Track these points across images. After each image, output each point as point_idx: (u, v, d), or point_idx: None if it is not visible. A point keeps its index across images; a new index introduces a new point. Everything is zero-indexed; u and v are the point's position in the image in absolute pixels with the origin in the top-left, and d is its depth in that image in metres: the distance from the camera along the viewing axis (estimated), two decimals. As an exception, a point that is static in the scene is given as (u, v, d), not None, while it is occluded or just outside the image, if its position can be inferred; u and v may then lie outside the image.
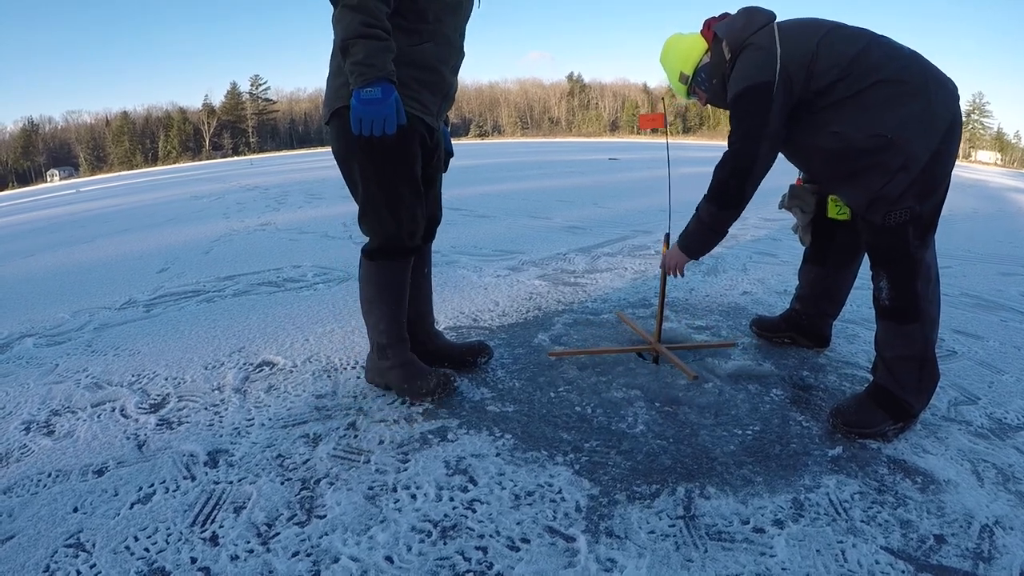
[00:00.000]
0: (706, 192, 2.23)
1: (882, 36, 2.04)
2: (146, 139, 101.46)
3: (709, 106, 2.41)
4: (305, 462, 1.97)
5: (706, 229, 2.28)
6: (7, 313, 3.84)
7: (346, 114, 1.98)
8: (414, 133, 2.12)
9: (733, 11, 2.26)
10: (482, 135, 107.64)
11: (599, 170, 14.77)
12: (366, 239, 2.27)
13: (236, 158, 75.33)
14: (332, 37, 1.98)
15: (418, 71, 2.07)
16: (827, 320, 2.70)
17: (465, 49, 2.27)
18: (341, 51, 1.88)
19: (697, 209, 2.28)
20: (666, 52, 2.40)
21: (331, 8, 1.94)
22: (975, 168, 36.55)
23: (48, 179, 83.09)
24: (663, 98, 2.43)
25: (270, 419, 2.25)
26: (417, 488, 1.82)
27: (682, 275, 2.47)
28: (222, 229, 7.02)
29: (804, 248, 2.68)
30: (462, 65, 2.30)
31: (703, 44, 2.30)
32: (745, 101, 2.07)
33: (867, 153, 1.95)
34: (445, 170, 2.48)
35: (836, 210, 2.25)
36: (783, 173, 2.38)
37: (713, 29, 2.25)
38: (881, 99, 1.93)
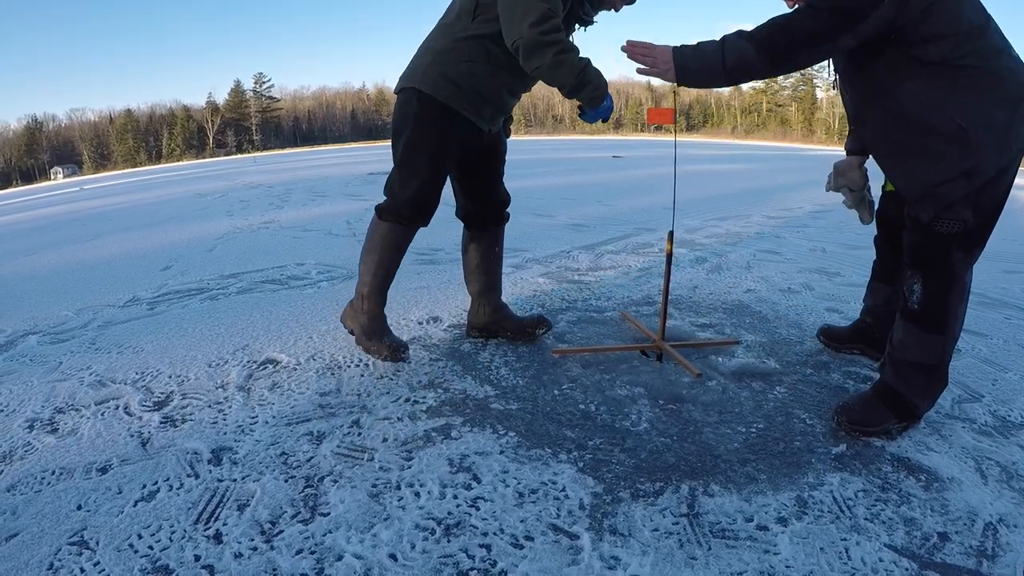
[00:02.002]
0: (747, 30, 1.91)
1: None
2: (150, 137, 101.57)
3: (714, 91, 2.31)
4: (309, 460, 1.97)
5: (717, 63, 1.91)
6: (11, 311, 3.85)
7: (420, 97, 2.33)
8: (458, 128, 2.40)
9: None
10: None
11: (603, 168, 14.76)
12: (385, 199, 2.53)
13: (240, 156, 75.35)
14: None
15: (489, 89, 2.38)
16: None
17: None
18: (573, 88, 2.19)
19: (723, 39, 1.91)
20: None
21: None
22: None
23: (52, 177, 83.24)
24: (675, 92, 2.37)
25: (274, 417, 2.25)
26: (421, 486, 1.82)
27: (648, 73, 2.05)
28: (226, 227, 7.02)
29: (872, 263, 2.58)
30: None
31: None
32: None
33: (935, 135, 1.80)
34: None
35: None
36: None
37: None
38: (974, 86, 1.77)
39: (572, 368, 2.58)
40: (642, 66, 2.04)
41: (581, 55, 2.18)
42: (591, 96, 2.23)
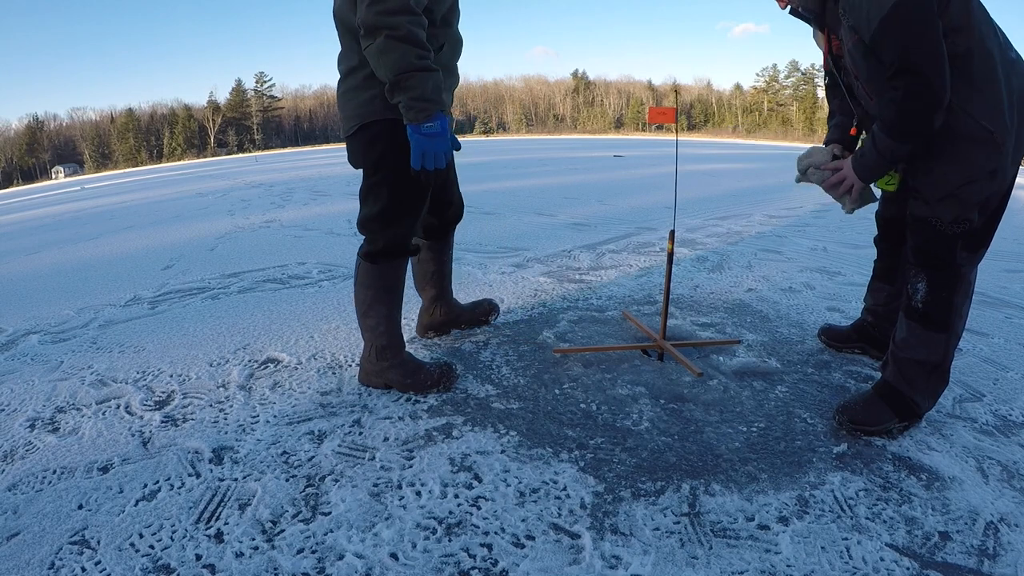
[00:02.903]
0: (881, 121, 1.86)
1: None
2: (151, 136, 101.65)
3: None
4: (310, 459, 1.97)
5: (882, 159, 1.91)
6: (12, 310, 3.85)
7: (381, 128, 2.08)
8: None
9: None
10: (487, 132, 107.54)
11: (604, 167, 14.74)
12: (367, 242, 2.30)
13: (241, 155, 75.41)
14: (337, 38, 1.99)
15: (448, 75, 2.15)
16: None
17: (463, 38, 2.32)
18: (393, 85, 1.89)
19: (873, 136, 1.90)
20: None
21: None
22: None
23: (53, 176, 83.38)
24: (676, 91, 2.33)
25: (275, 416, 2.25)
26: (422, 485, 1.82)
27: (849, 198, 2.11)
28: (227, 226, 7.02)
29: (873, 263, 2.57)
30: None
31: None
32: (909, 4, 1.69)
33: (962, 137, 1.79)
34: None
35: (885, 180, 2.08)
36: (794, 170, 2.34)
37: None
38: (988, 80, 1.76)
39: (573, 367, 2.58)
40: (834, 184, 2.11)
41: (429, 60, 1.90)
42: (408, 106, 1.90)
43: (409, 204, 2.23)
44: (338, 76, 2.21)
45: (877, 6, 1.71)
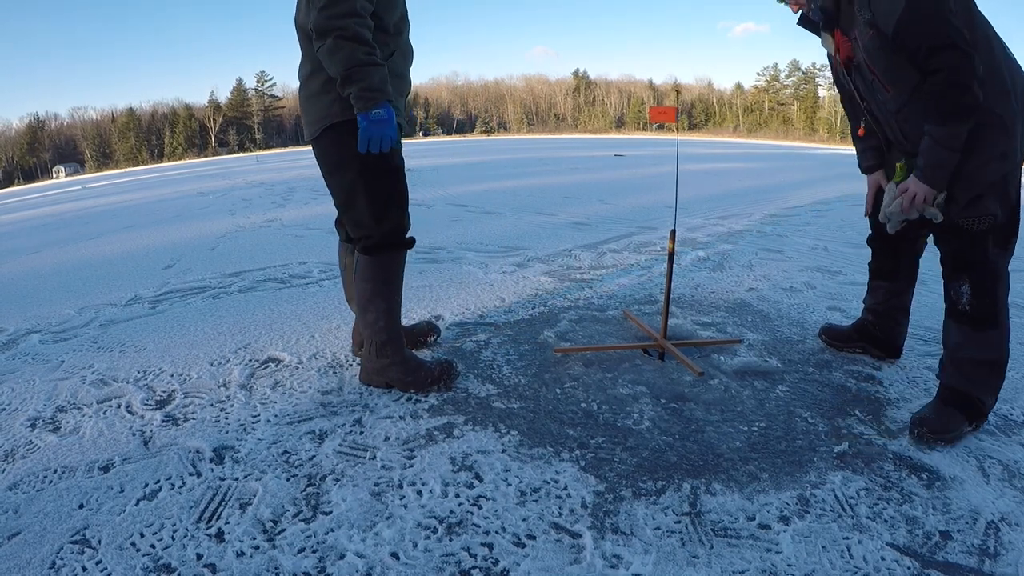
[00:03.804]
0: (931, 116, 1.86)
1: None
2: (152, 135, 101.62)
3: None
4: (311, 458, 1.97)
5: (947, 150, 1.87)
6: (13, 309, 3.86)
7: (344, 128, 2.16)
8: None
9: None
10: (488, 131, 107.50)
11: (605, 166, 14.74)
12: (364, 238, 2.33)
13: (242, 154, 75.41)
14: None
15: (394, 80, 2.22)
16: (901, 331, 2.60)
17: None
18: (344, 80, 2.02)
19: (930, 136, 1.88)
20: None
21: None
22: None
23: (54, 175, 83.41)
24: (677, 91, 2.33)
25: (276, 416, 2.25)
26: (423, 484, 1.82)
27: (931, 206, 2.02)
28: (228, 225, 7.03)
29: (868, 264, 2.57)
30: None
31: None
32: None
33: (975, 126, 1.81)
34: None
35: (902, 175, 2.08)
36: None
37: None
38: (994, 71, 1.82)
39: (574, 367, 2.58)
40: (912, 207, 2.02)
41: (375, 56, 2.03)
42: (358, 96, 2.03)
43: (389, 194, 2.28)
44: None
45: None
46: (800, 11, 2.10)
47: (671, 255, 2.72)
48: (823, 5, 2.02)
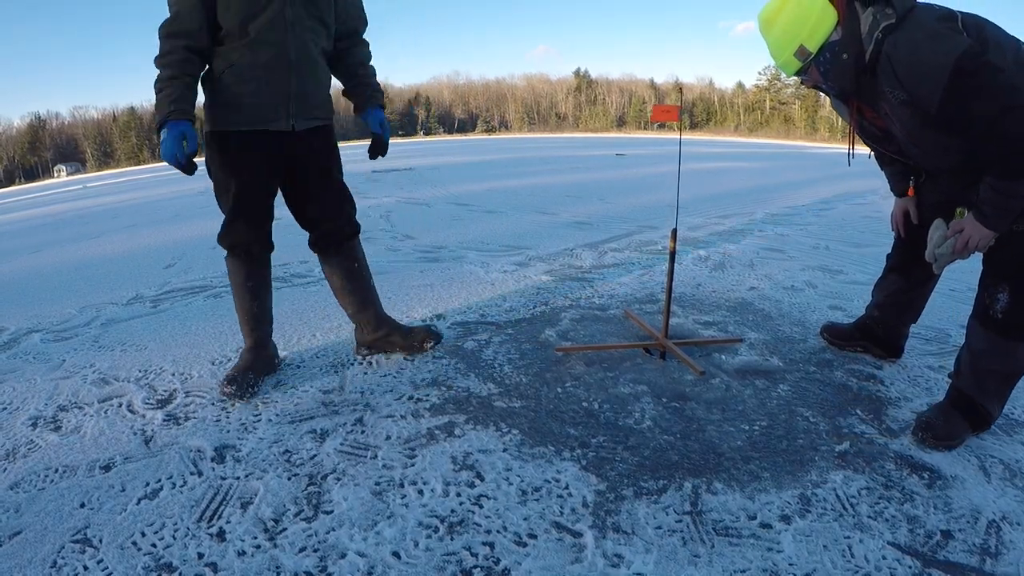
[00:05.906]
0: (998, 170, 1.78)
1: None
2: (153, 135, 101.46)
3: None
4: (312, 458, 1.97)
5: (1017, 199, 1.81)
6: (14, 309, 3.86)
7: (206, 139, 2.33)
8: (247, 145, 2.32)
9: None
10: (489, 130, 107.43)
11: (606, 166, 14.73)
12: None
13: (242, 154, 75.12)
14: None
15: (242, 85, 2.23)
16: (904, 331, 2.60)
17: (319, 48, 2.36)
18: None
19: (994, 188, 1.82)
20: (784, 17, 1.91)
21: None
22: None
23: (55, 175, 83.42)
24: (679, 90, 2.33)
25: (277, 415, 2.25)
26: (424, 484, 1.82)
27: (978, 246, 1.97)
28: (228, 225, 7.01)
29: (887, 256, 2.55)
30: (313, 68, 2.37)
31: (834, 15, 1.86)
32: (970, 61, 1.67)
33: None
34: (383, 154, 2.66)
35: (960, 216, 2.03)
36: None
37: None
38: None
39: (575, 366, 2.58)
40: (965, 248, 1.97)
41: (176, 75, 2.10)
42: (156, 113, 2.14)
43: (229, 207, 2.47)
44: None
45: (935, 77, 1.70)
46: (813, 86, 2.02)
47: (672, 254, 2.72)
48: (842, 85, 1.94)
